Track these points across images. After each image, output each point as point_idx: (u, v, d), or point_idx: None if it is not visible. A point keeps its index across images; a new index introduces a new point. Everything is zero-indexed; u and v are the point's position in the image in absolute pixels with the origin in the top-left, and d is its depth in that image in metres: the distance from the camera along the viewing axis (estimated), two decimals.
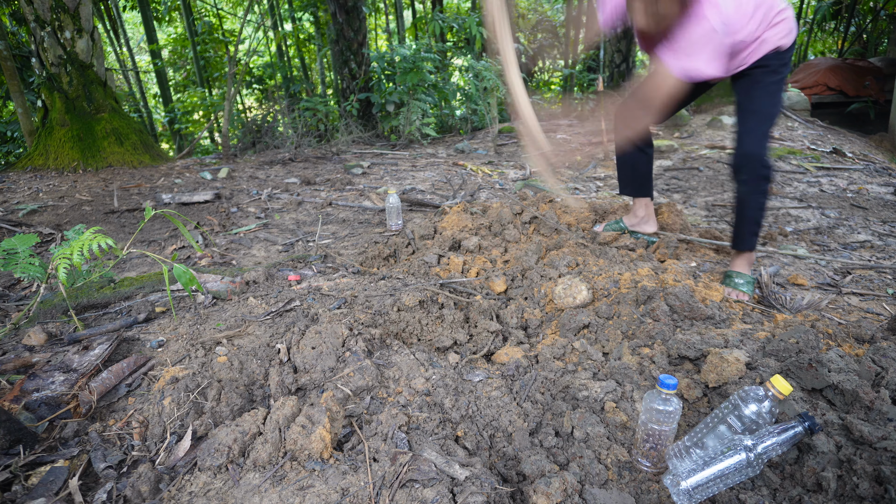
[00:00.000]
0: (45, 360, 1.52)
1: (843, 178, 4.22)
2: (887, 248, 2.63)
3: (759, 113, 1.87)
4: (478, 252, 2.34)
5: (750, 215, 1.98)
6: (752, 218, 1.98)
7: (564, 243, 2.29)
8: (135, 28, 15.05)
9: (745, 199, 1.96)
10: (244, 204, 3.75)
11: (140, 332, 1.75)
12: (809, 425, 1.01)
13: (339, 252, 2.65)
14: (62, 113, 5.22)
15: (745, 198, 1.96)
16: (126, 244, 2.08)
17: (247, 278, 2.13)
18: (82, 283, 1.93)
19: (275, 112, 7.05)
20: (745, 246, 2.02)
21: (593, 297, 1.79)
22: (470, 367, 1.49)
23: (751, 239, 2.02)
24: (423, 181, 4.41)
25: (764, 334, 1.49)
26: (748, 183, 1.94)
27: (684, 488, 0.98)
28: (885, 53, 9.64)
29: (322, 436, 1.10)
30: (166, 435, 1.23)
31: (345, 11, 7.26)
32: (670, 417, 1.07)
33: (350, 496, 0.98)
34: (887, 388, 1.15)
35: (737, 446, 0.99)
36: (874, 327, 1.52)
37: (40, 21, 5.06)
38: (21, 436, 1.18)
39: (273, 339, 1.63)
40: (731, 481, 1.00)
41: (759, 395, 1.05)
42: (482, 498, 0.97)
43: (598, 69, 9.40)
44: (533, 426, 1.26)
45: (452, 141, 6.96)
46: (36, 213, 3.54)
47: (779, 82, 1.85)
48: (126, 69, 10.54)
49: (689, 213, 3.31)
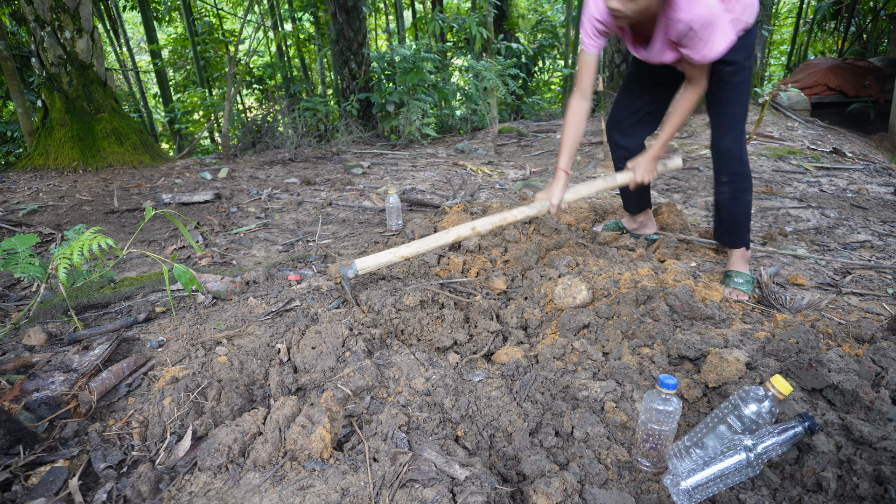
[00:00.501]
0: (45, 360, 1.52)
1: (843, 178, 4.22)
2: (887, 248, 2.63)
3: (732, 115, 1.88)
4: (478, 252, 2.34)
5: (742, 210, 1.99)
6: (744, 214, 2.00)
7: (564, 243, 2.29)
8: (135, 28, 15.05)
9: (735, 198, 1.97)
10: (244, 204, 3.75)
11: (140, 332, 1.75)
12: (809, 425, 1.01)
13: (339, 252, 2.65)
14: (62, 113, 5.22)
15: (734, 196, 1.97)
16: (126, 244, 2.08)
17: (247, 278, 2.13)
18: (82, 283, 1.93)
19: (275, 112, 7.05)
20: (741, 244, 2.03)
21: (593, 297, 1.79)
22: (470, 367, 1.49)
23: (745, 236, 2.03)
24: (423, 181, 4.41)
25: (764, 334, 1.49)
26: (732, 183, 1.95)
27: (684, 488, 0.98)
28: (885, 53, 9.64)
29: (322, 436, 1.10)
30: (166, 435, 1.23)
31: (345, 11, 7.26)
32: (670, 417, 1.07)
33: (350, 496, 0.98)
34: (887, 388, 1.15)
35: (737, 446, 0.99)
36: (874, 327, 1.52)
37: (40, 21, 5.06)
38: (21, 436, 1.18)
39: (273, 339, 1.63)
40: (732, 481, 0.99)
41: (759, 395, 1.05)
42: (482, 498, 0.97)
43: (598, 69, 9.39)
44: (533, 426, 1.26)
45: (452, 141, 6.97)
46: (36, 213, 3.54)
47: (746, 81, 1.85)
48: (126, 69, 10.54)
49: (689, 213, 3.31)
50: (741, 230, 2.03)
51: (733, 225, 2.03)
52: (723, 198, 2.02)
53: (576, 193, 2.01)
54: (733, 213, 2.01)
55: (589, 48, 1.86)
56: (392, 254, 1.87)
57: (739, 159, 1.91)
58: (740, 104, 1.86)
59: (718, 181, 2.00)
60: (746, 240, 2.04)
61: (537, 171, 4.74)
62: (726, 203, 2.01)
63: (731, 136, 1.89)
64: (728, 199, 2.00)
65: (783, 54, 15.56)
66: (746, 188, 1.96)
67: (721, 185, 2.00)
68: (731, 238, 2.06)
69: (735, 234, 2.04)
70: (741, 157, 1.91)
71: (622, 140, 2.20)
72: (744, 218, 2.01)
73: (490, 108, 6.07)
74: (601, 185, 2.04)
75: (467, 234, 1.92)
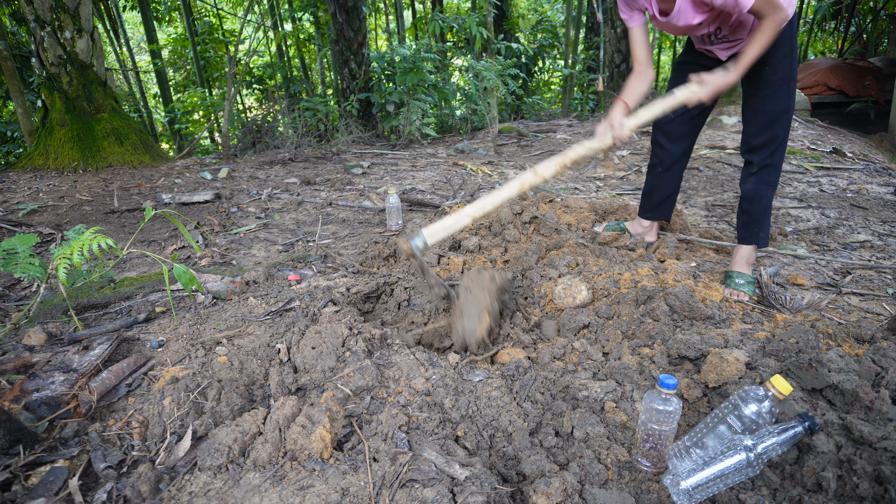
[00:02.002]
0: (45, 360, 1.52)
1: (843, 178, 4.22)
2: (887, 248, 2.63)
3: (766, 113, 1.89)
4: (478, 252, 2.34)
5: (769, 209, 2.02)
6: (768, 212, 2.02)
7: (564, 243, 2.29)
8: (135, 28, 15.05)
9: (757, 192, 2.00)
10: (244, 204, 3.75)
11: (140, 332, 1.75)
12: (809, 425, 1.01)
13: (339, 252, 2.65)
14: (62, 113, 5.22)
15: (756, 190, 2.00)
16: (126, 244, 2.08)
17: (247, 278, 2.13)
18: (82, 283, 1.93)
19: (275, 112, 7.05)
20: (763, 242, 2.05)
21: (593, 297, 1.79)
22: (470, 367, 1.49)
23: (762, 234, 2.04)
24: (423, 181, 4.41)
25: (764, 334, 1.49)
26: (758, 174, 1.97)
27: (684, 488, 0.98)
28: (885, 53, 9.64)
29: (322, 436, 1.10)
30: (166, 435, 1.23)
31: (345, 11, 7.26)
32: (670, 417, 1.07)
33: (350, 496, 0.98)
34: (887, 388, 1.15)
35: (737, 446, 0.99)
36: (874, 327, 1.52)
37: (40, 21, 5.06)
38: (21, 436, 1.18)
39: (273, 339, 1.63)
40: (731, 481, 0.99)
41: (760, 395, 1.05)
42: (482, 498, 0.97)
43: (598, 69, 9.40)
44: (533, 426, 1.26)
45: (452, 141, 6.96)
46: (36, 213, 3.54)
47: (786, 78, 1.82)
48: (126, 69, 10.54)
49: (689, 213, 3.31)
50: (766, 225, 2.04)
51: (759, 218, 2.03)
52: (747, 188, 2.03)
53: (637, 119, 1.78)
54: (756, 205, 2.02)
55: (629, 23, 1.88)
56: (460, 216, 1.70)
57: (779, 151, 1.91)
58: (781, 103, 1.86)
59: (748, 171, 2.01)
60: (759, 237, 2.04)
61: None
62: (749, 194, 2.02)
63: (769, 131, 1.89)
64: (751, 190, 2.01)
65: None
66: (774, 183, 1.97)
67: (748, 176, 2.01)
68: (746, 235, 2.07)
69: (750, 230, 2.05)
70: (777, 150, 1.91)
71: (669, 145, 2.18)
72: (762, 213, 2.01)
73: (490, 108, 6.07)
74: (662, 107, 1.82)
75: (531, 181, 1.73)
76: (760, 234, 2.04)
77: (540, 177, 1.73)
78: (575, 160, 1.77)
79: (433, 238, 1.66)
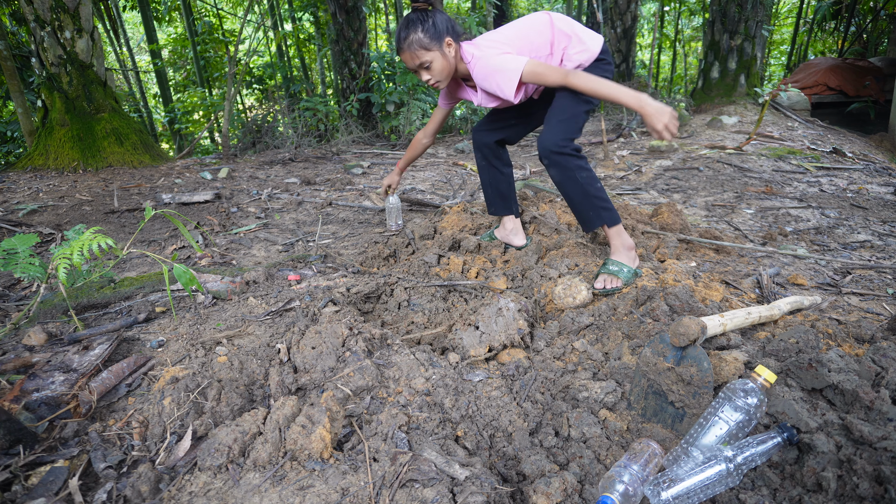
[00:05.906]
0: (45, 360, 1.52)
1: (843, 177, 4.22)
2: (887, 248, 2.63)
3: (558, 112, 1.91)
4: (478, 252, 2.34)
5: (589, 191, 1.90)
6: (588, 193, 1.90)
7: (564, 243, 2.29)
8: (135, 28, 15.06)
9: (562, 183, 1.90)
10: (244, 204, 3.75)
11: (140, 332, 1.75)
12: (788, 436, 1.03)
13: (339, 252, 2.65)
14: (62, 113, 5.22)
15: (561, 182, 1.91)
16: (126, 244, 2.08)
17: (247, 278, 2.13)
18: (82, 283, 1.93)
19: (275, 112, 7.06)
20: (599, 222, 1.94)
21: (593, 296, 1.79)
22: (470, 367, 1.49)
23: (597, 214, 1.92)
24: (423, 181, 4.41)
25: (764, 334, 1.49)
26: (555, 165, 1.88)
27: (665, 499, 0.98)
28: (885, 53, 9.64)
29: (322, 436, 1.10)
30: (166, 435, 1.23)
31: (345, 11, 7.27)
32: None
33: (350, 496, 0.98)
34: (887, 388, 1.15)
35: (717, 457, 1.01)
36: (874, 327, 1.52)
37: (40, 21, 5.07)
38: (21, 436, 1.18)
39: (273, 339, 1.63)
40: (712, 492, 1.00)
41: (748, 388, 1.07)
42: (482, 498, 0.97)
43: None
44: (533, 426, 1.26)
45: (452, 141, 6.97)
46: (36, 213, 3.54)
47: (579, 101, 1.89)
48: (126, 69, 10.55)
49: (689, 213, 3.31)
50: (595, 207, 1.92)
51: (576, 207, 1.96)
52: (555, 181, 1.93)
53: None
54: (571, 194, 1.92)
55: (441, 104, 2.33)
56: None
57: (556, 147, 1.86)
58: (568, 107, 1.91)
59: (548, 171, 1.95)
60: (604, 217, 1.92)
61: (537, 171, 4.74)
62: (562, 185, 1.92)
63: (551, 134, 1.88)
64: (560, 181, 1.92)
65: (783, 54, 15.57)
66: (572, 167, 1.87)
67: (549, 170, 1.94)
68: (585, 221, 1.98)
69: (585, 215, 1.95)
70: (558, 144, 1.85)
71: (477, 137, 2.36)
72: (581, 196, 1.90)
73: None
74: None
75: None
76: (601, 213, 1.94)
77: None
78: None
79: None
